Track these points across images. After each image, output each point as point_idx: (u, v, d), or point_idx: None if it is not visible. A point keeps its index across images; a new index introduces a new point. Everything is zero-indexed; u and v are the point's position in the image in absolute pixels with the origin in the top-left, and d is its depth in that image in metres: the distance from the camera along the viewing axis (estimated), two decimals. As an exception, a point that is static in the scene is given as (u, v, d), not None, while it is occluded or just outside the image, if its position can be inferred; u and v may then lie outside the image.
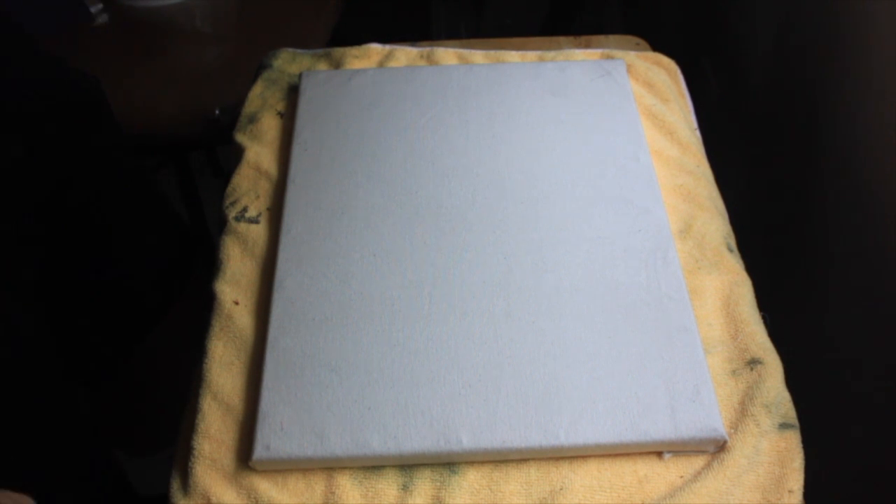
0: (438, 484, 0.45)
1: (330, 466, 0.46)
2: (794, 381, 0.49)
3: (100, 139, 0.67)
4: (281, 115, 0.65)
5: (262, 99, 0.66)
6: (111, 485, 0.59)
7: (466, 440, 0.45)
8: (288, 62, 0.69)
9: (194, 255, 0.80)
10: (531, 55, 0.69)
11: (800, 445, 0.46)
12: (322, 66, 0.69)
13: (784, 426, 0.47)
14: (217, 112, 0.84)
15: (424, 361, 0.48)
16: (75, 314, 0.67)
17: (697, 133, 0.65)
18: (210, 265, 0.56)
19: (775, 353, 0.50)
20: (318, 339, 0.49)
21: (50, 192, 0.57)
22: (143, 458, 0.75)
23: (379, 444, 0.45)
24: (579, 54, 0.69)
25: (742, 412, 0.47)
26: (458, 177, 0.57)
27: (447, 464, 0.46)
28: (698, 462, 0.46)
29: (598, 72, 0.65)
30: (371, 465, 0.46)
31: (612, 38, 0.74)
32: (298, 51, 0.70)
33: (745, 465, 0.45)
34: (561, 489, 0.45)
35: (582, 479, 0.45)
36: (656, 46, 0.73)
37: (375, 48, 0.70)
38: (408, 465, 0.46)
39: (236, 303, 0.53)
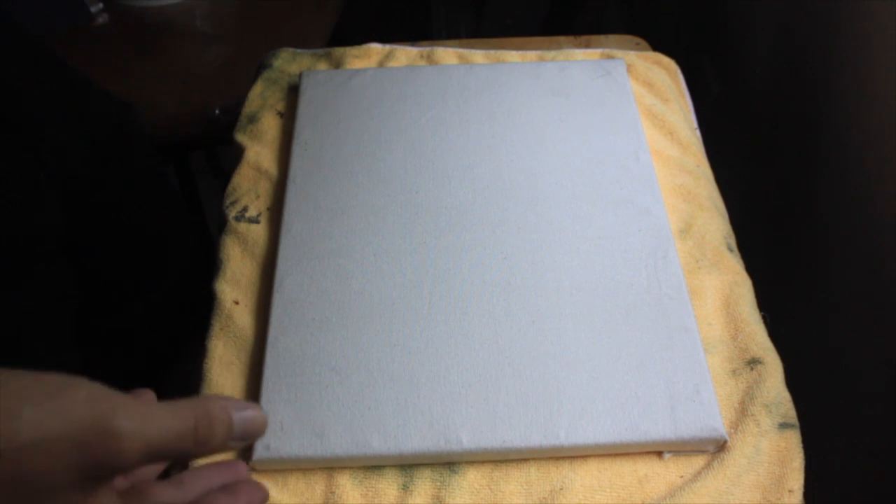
0: (438, 484, 0.45)
1: (330, 466, 0.46)
2: (794, 381, 0.49)
3: (133, 169, 0.66)
4: (281, 114, 0.65)
5: (262, 99, 0.66)
6: None
7: (466, 440, 0.45)
8: (288, 62, 0.69)
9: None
10: (531, 55, 0.69)
11: (800, 445, 0.46)
12: (322, 65, 0.69)
13: (784, 426, 0.47)
14: (217, 112, 0.84)
15: (424, 361, 0.48)
16: (109, 344, 0.67)
17: (697, 133, 0.65)
18: (211, 265, 0.56)
19: (775, 353, 0.50)
20: (318, 339, 0.49)
21: (85, 225, 0.56)
22: None
23: (379, 444, 0.45)
24: (579, 54, 0.69)
25: (742, 412, 0.47)
26: (458, 177, 0.57)
27: (447, 464, 0.46)
28: (698, 462, 0.46)
29: (598, 71, 0.65)
30: (371, 465, 0.46)
31: (612, 37, 0.74)
32: (298, 51, 0.70)
33: (745, 464, 0.45)
34: (561, 489, 0.45)
35: (582, 478, 0.45)
36: (656, 46, 0.73)
37: (375, 48, 0.70)
38: (408, 465, 0.46)
39: (236, 302, 0.53)
